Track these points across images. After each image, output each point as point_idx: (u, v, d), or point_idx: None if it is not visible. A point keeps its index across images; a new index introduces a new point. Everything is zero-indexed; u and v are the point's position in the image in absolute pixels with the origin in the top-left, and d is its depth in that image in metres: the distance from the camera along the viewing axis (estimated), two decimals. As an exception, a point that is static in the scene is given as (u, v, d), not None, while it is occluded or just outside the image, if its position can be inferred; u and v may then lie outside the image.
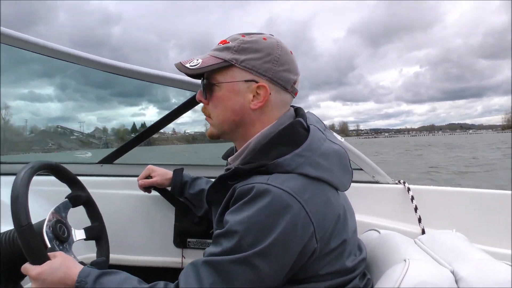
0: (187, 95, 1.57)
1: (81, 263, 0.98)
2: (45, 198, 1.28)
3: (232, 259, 0.72)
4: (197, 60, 0.85)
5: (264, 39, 0.84)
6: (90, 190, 1.18)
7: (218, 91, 0.85)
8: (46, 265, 0.81)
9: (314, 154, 0.80)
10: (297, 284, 0.79)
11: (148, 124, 1.76)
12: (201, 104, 0.93)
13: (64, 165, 1.12)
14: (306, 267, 0.78)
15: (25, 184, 0.87)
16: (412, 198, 1.37)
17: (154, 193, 1.51)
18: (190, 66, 0.84)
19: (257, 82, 0.82)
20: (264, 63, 0.82)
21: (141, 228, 1.53)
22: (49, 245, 0.90)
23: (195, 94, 1.51)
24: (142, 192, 1.52)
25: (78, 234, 1.06)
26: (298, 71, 0.88)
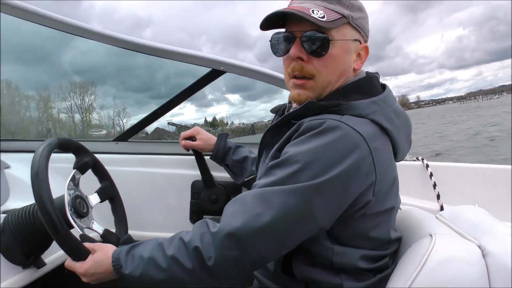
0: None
1: (106, 231, 1.01)
2: (58, 173, 1.26)
3: (285, 190, 0.66)
4: (318, 11, 0.74)
5: None
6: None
7: (331, 48, 0.76)
8: (90, 261, 0.84)
9: (389, 108, 0.77)
10: (339, 245, 0.75)
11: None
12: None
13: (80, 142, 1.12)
14: (356, 224, 0.74)
15: (46, 181, 0.86)
16: (431, 175, 1.35)
17: (167, 170, 1.51)
18: (319, 17, 0.73)
19: (360, 43, 0.79)
20: (366, 23, 0.80)
21: (156, 205, 1.53)
22: (79, 231, 0.92)
23: (211, 70, 1.49)
24: (156, 170, 1.53)
25: (93, 199, 1.08)
26: None
